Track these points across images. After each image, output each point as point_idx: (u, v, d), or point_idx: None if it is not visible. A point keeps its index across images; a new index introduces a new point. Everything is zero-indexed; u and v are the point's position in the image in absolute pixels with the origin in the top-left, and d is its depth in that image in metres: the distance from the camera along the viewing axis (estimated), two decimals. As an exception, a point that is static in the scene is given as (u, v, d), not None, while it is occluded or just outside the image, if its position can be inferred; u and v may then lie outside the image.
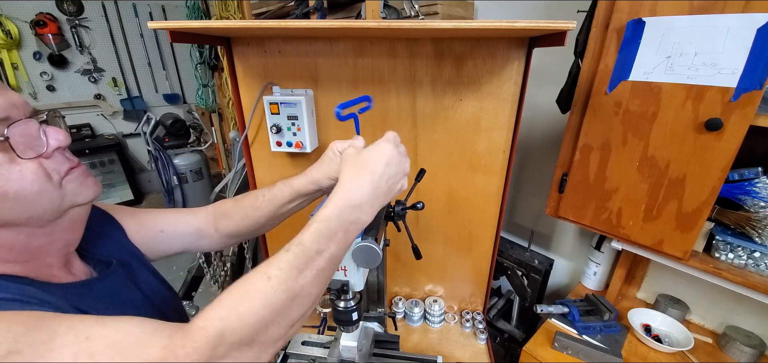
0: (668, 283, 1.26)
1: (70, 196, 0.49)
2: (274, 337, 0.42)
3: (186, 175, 3.34)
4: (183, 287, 1.51)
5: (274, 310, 0.41)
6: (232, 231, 0.76)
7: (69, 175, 0.50)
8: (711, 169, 0.85)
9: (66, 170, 0.49)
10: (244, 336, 0.40)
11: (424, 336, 1.19)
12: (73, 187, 0.50)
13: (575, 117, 1.06)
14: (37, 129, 0.47)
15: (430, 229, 1.17)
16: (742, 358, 1.05)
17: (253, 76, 1.02)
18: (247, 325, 0.40)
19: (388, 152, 0.52)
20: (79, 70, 3.63)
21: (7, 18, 3.17)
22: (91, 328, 0.38)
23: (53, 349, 0.36)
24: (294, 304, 0.43)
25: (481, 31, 0.74)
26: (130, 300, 0.59)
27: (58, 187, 0.48)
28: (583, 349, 1.09)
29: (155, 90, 4.13)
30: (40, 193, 0.46)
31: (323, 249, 0.45)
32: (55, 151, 0.48)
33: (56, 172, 0.48)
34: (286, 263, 0.43)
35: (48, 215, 0.48)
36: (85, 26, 3.56)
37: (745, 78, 0.76)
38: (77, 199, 0.50)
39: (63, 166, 0.49)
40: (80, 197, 0.51)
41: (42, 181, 0.46)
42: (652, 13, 0.85)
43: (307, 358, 0.91)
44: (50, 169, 0.47)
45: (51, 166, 0.47)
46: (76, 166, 0.51)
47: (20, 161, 0.44)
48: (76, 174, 0.51)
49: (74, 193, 0.50)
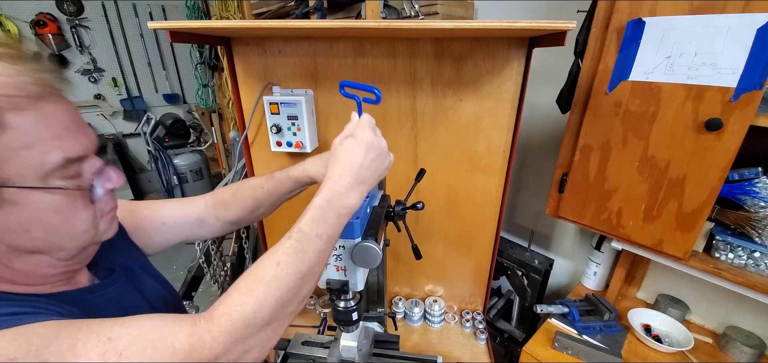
0: (668, 283, 1.26)
1: (99, 235, 0.50)
2: (288, 313, 0.47)
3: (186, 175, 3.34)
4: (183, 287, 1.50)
5: (288, 290, 0.45)
6: (232, 219, 0.77)
7: (105, 217, 0.50)
8: (711, 169, 0.85)
9: (109, 210, 0.50)
10: (265, 317, 0.43)
11: (424, 336, 1.19)
12: (104, 227, 0.50)
13: (575, 117, 1.06)
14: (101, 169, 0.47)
15: (430, 229, 1.17)
16: (742, 358, 1.05)
17: (253, 76, 1.02)
18: (266, 307, 0.43)
19: (366, 140, 0.55)
20: (79, 70, 3.62)
21: (7, 18, 3.17)
22: (111, 329, 0.39)
23: (79, 355, 0.36)
24: (303, 282, 0.47)
25: (481, 31, 0.74)
26: (132, 306, 0.58)
27: (96, 227, 0.48)
28: (583, 349, 1.09)
29: (155, 90, 4.13)
30: (86, 232, 0.46)
31: (320, 233, 0.48)
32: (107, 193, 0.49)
33: (101, 213, 0.48)
34: (291, 248, 0.46)
35: (75, 251, 0.47)
36: (85, 26, 3.56)
37: (745, 78, 0.76)
38: (103, 238, 0.51)
39: (108, 205, 0.50)
40: (105, 236, 0.51)
41: (90, 222, 0.47)
42: (652, 13, 0.85)
43: (307, 358, 0.91)
44: (98, 210, 0.48)
45: (99, 208, 0.48)
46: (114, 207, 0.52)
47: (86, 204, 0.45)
48: (112, 215, 0.51)
49: (103, 233, 0.50)
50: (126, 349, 0.38)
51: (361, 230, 0.63)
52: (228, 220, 0.77)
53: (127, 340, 0.38)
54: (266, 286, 0.44)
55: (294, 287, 0.46)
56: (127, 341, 0.38)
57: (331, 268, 0.67)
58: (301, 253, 0.46)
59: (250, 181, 0.77)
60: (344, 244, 0.63)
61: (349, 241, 0.63)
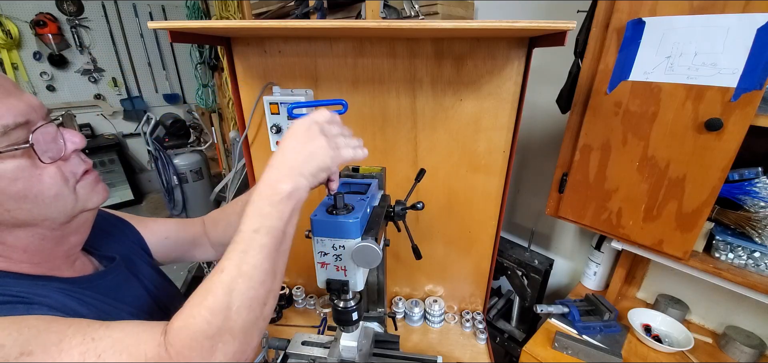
0: (668, 283, 1.26)
1: (82, 201, 0.51)
2: (248, 321, 0.45)
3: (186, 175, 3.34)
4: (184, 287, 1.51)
5: (239, 294, 0.44)
6: (220, 239, 0.81)
7: (82, 181, 0.51)
8: (711, 169, 0.85)
9: (82, 172, 0.51)
10: (219, 325, 0.42)
11: (424, 336, 1.19)
12: (85, 192, 0.52)
13: (575, 117, 1.06)
14: (55, 132, 0.48)
15: (430, 229, 1.17)
16: (742, 358, 1.05)
17: (253, 76, 1.02)
18: (218, 315, 0.42)
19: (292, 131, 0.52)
20: (79, 70, 3.62)
21: (7, 18, 3.16)
22: (97, 331, 0.42)
23: (62, 351, 0.39)
24: (251, 282, 0.45)
25: (481, 31, 0.74)
26: (131, 294, 0.61)
27: (73, 191, 0.50)
28: (583, 349, 1.09)
29: (155, 90, 4.13)
30: (58, 196, 0.48)
31: (257, 227, 0.46)
32: (72, 154, 0.50)
33: (73, 175, 0.50)
34: (232, 252, 0.46)
35: (61, 218, 0.50)
36: (85, 26, 3.55)
37: (745, 78, 0.76)
38: (88, 204, 0.52)
39: (79, 168, 0.51)
40: (91, 202, 0.53)
41: (60, 185, 0.48)
42: (652, 13, 0.85)
43: (307, 358, 0.91)
44: (67, 172, 0.49)
45: (68, 169, 0.49)
46: (90, 170, 0.53)
47: (41, 166, 0.46)
48: (90, 179, 0.53)
49: (86, 198, 0.52)
50: (105, 351, 0.40)
51: (361, 230, 0.63)
52: (217, 240, 0.81)
53: (108, 343, 0.41)
54: (214, 294, 0.43)
55: (245, 289, 0.44)
56: (108, 343, 0.41)
57: (331, 268, 0.67)
58: (243, 253, 0.45)
59: (236, 200, 0.80)
60: (344, 244, 0.63)
61: (349, 241, 0.63)
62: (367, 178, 0.81)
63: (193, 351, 0.41)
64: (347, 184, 0.81)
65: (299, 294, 1.30)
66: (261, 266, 0.46)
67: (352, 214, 0.64)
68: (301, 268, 1.34)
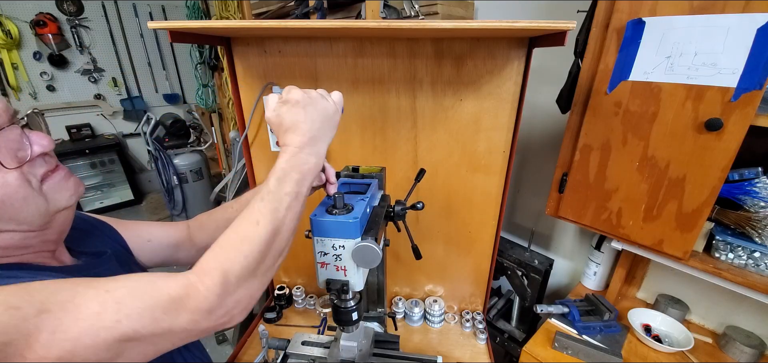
0: (668, 283, 1.26)
1: (53, 202, 0.50)
2: (270, 265, 0.51)
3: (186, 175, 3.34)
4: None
5: (267, 244, 0.49)
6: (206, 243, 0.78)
7: (48, 181, 0.50)
8: (711, 169, 0.85)
9: (42, 174, 0.50)
10: (250, 268, 0.47)
11: (424, 336, 1.19)
12: (53, 192, 0.51)
13: (575, 117, 1.06)
14: (19, 135, 0.48)
15: (430, 229, 1.17)
16: (742, 358, 1.05)
17: (253, 76, 1.02)
18: (252, 260, 0.47)
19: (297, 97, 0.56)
20: (79, 70, 3.62)
21: (7, 18, 3.17)
22: (107, 284, 0.42)
23: (79, 306, 0.39)
24: (279, 236, 0.51)
25: (481, 31, 0.74)
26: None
27: (40, 193, 0.49)
28: (583, 349, 1.09)
29: (155, 90, 4.13)
30: (27, 199, 0.47)
31: (288, 191, 0.52)
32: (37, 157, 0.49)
33: (34, 176, 0.49)
34: (265, 208, 0.50)
35: (37, 220, 0.49)
36: (85, 26, 3.56)
37: (745, 78, 0.76)
38: (60, 203, 0.51)
39: (39, 169, 0.50)
40: (62, 201, 0.52)
41: (26, 188, 0.47)
42: (652, 13, 0.85)
43: (307, 358, 0.91)
44: (29, 175, 0.48)
45: (29, 171, 0.48)
46: (54, 169, 0.52)
47: (3, 170, 0.45)
48: (56, 178, 0.51)
49: (55, 198, 0.51)
50: (123, 298, 0.41)
51: (361, 230, 0.63)
52: (203, 244, 0.79)
53: (124, 291, 0.41)
54: (250, 242, 0.47)
55: (272, 241, 0.50)
56: (124, 292, 0.41)
57: (331, 268, 0.67)
58: (275, 211, 0.50)
59: (225, 205, 0.81)
60: (344, 244, 0.63)
61: (349, 241, 0.63)
62: (366, 178, 0.81)
63: (224, 290, 0.44)
64: (347, 184, 0.81)
65: (299, 294, 1.30)
66: (287, 223, 0.51)
67: (351, 214, 0.64)
68: (301, 268, 1.34)
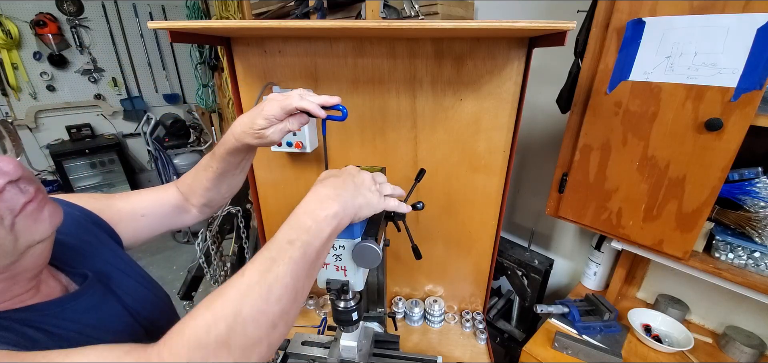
0: (668, 283, 1.26)
1: (25, 238, 0.43)
2: (251, 339, 0.39)
3: (186, 175, 3.34)
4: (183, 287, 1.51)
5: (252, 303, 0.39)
6: (203, 202, 0.75)
7: (20, 215, 0.42)
8: (711, 169, 0.85)
9: (21, 206, 0.42)
10: (220, 334, 0.37)
11: (424, 336, 1.19)
12: (25, 226, 0.42)
13: (575, 117, 1.06)
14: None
15: (430, 229, 1.17)
16: (742, 358, 1.05)
17: (253, 76, 1.02)
18: (222, 321, 0.38)
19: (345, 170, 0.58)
20: (79, 70, 3.62)
21: (7, 18, 3.16)
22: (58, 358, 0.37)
23: None
24: (270, 295, 0.41)
25: (481, 31, 0.74)
26: (109, 314, 0.55)
27: (10, 231, 0.41)
28: (583, 349, 1.09)
29: (155, 90, 4.12)
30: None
31: (293, 238, 0.44)
32: (6, 186, 0.40)
33: (9, 212, 0.41)
34: (260, 257, 0.43)
35: (4, 261, 0.42)
36: (85, 26, 3.55)
37: (745, 78, 0.76)
38: (34, 238, 0.44)
39: (17, 201, 0.41)
40: (36, 235, 0.44)
41: None
42: (652, 13, 0.85)
43: (307, 358, 0.91)
44: (2, 210, 0.40)
45: (2, 207, 0.40)
46: (31, 199, 0.43)
47: None
48: (29, 210, 0.43)
49: (28, 233, 0.43)
50: None
51: (361, 230, 0.63)
52: (201, 204, 0.75)
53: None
54: (224, 297, 0.39)
55: (258, 300, 0.40)
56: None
57: (331, 268, 0.67)
58: (271, 261, 0.42)
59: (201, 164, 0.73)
60: (344, 244, 0.64)
61: (349, 241, 0.63)
62: (367, 178, 0.81)
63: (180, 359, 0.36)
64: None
65: (299, 294, 1.30)
66: (283, 280, 0.42)
67: (352, 214, 0.64)
68: (301, 268, 1.34)
